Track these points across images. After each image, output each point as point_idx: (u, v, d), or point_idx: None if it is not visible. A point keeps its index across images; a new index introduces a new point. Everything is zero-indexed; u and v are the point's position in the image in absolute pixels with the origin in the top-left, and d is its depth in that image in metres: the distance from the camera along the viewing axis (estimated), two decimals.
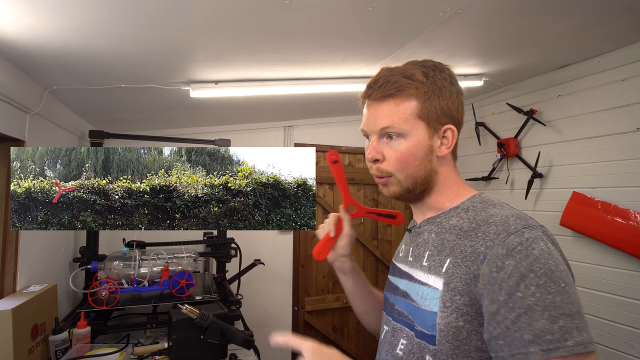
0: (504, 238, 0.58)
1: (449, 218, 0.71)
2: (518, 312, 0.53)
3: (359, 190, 3.07)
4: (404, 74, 0.69)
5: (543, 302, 0.52)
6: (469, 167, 2.72)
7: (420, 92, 0.68)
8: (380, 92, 0.69)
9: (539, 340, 0.51)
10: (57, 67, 1.35)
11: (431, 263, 0.68)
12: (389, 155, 0.70)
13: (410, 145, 0.69)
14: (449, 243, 0.66)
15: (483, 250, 0.59)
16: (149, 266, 1.72)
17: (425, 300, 0.65)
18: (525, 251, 0.55)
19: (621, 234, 1.73)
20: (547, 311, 0.51)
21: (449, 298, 0.61)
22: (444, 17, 1.30)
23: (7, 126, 1.29)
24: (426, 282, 0.67)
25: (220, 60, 1.49)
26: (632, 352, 1.69)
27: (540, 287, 0.53)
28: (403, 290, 0.74)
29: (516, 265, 0.55)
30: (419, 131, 0.69)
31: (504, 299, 0.55)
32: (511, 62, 1.92)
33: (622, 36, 1.67)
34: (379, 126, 0.70)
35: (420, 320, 0.66)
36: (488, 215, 0.65)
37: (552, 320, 0.51)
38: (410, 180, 0.71)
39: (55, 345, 1.33)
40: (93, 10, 1.01)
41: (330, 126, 2.94)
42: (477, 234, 0.63)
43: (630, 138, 1.76)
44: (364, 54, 1.57)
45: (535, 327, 0.51)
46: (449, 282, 0.62)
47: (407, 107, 0.68)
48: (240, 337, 1.28)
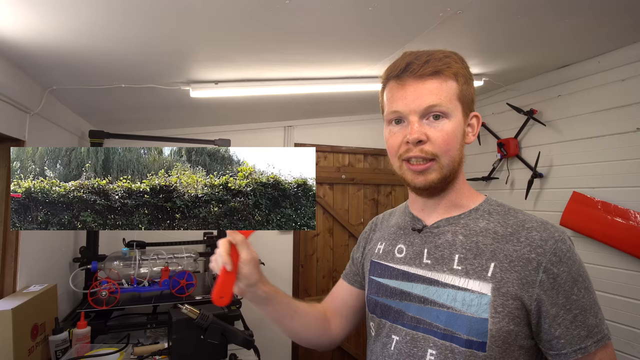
0: (552, 245, 0.63)
1: (475, 220, 0.69)
2: (575, 313, 0.61)
3: (358, 190, 3.07)
4: (444, 54, 0.68)
5: (589, 301, 0.62)
6: (469, 167, 2.72)
7: (460, 74, 0.68)
8: (429, 67, 0.65)
9: (592, 334, 0.60)
10: (57, 67, 1.35)
11: (468, 267, 0.65)
12: (434, 136, 0.65)
13: (454, 126, 0.67)
14: (487, 247, 0.65)
15: (535, 257, 0.62)
16: (149, 266, 1.71)
17: (471, 307, 0.62)
18: (572, 257, 0.63)
19: (621, 234, 1.73)
20: (592, 309, 0.61)
21: (501, 303, 0.61)
22: (444, 17, 1.30)
23: (7, 126, 1.29)
24: (466, 287, 0.64)
25: (220, 60, 1.49)
26: (632, 352, 1.69)
27: (587, 289, 0.62)
28: (419, 296, 0.69)
29: (569, 272, 0.61)
30: (459, 113, 0.68)
31: (562, 302, 0.61)
32: (511, 62, 1.92)
33: (622, 36, 1.67)
34: (424, 104, 0.65)
35: (465, 328, 0.62)
36: (519, 220, 0.67)
37: (596, 316, 0.61)
38: (451, 165, 0.68)
39: (55, 345, 1.33)
40: (93, 10, 1.01)
41: (330, 126, 2.94)
42: (519, 239, 0.64)
43: (630, 138, 1.76)
44: (364, 53, 1.57)
45: (588, 323, 0.61)
46: (499, 287, 0.62)
47: (451, 86, 0.67)
48: (240, 337, 1.28)
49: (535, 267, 0.61)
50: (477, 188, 2.63)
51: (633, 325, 1.71)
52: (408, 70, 0.66)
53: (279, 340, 2.69)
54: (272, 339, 2.53)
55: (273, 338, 2.53)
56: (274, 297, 0.77)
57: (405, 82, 0.67)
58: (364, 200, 3.09)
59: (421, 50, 0.69)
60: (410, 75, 0.66)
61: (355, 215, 3.05)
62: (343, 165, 3.03)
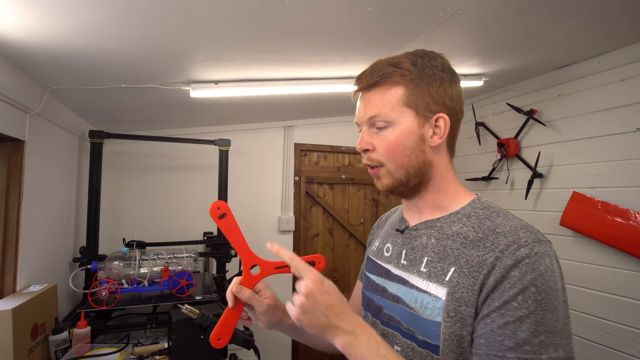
0: (514, 250, 0.58)
1: (451, 224, 0.68)
2: (507, 320, 0.55)
3: (358, 190, 3.07)
4: (390, 62, 0.69)
5: (534, 316, 0.54)
6: (469, 167, 2.72)
7: (406, 80, 0.67)
8: (366, 81, 0.70)
9: (518, 349, 0.53)
10: (57, 67, 1.35)
11: (431, 270, 0.66)
12: (378, 145, 0.70)
13: (398, 134, 0.68)
14: (453, 251, 0.64)
15: (492, 261, 0.59)
16: (149, 266, 1.72)
17: (427, 310, 0.63)
18: (533, 265, 0.56)
19: (621, 234, 1.73)
20: (534, 325, 0.54)
21: (454, 308, 0.60)
22: (444, 17, 1.30)
23: (7, 126, 1.29)
24: (426, 289, 0.65)
25: (220, 60, 1.49)
26: (632, 352, 1.69)
27: (537, 302, 0.54)
28: (393, 294, 0.72)
29: (520, 278, 0.56)
30: (407, 119, 0.67)
31: (498, 305, 0.56)
32: (511, 62, 1.92)
33: (621, 36, 1.67)
34: (367, 115, 0.70)
35: (421, 329, 0.64)
36: (494, 224, 0.64)
37: (535, 335, 0.53)
38: (402, 170, 0.69)
39: (55, 345, 1.33)
40: (93, 10, 1.01)
41: (330, 126, 2.94)
42: (484, 244, 0.61)
43: (630, 138, 1.76)
44: (364, 54, 1.57)
45: (518, 336, 0.54)
46: (454, 292, 0.61)
47: (394, 94, 0.68)
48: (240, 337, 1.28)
49: (488, 272, 0.58)
50: (477, 188, 2.65)
51: (633, 325, 1.71)
52: (358, 85, 0.72)
53: (279, 340, 2.70)
54: (272, 339, 2.54)
55: (273, 338, 2.54)
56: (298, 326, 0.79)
57: (358, 95, 0.74)
58: (364, 200, 3.09)
59: (378, 60, 0.72)
60: (360, 89, 0.72)
61: (355, 215, 3.05)
62: (343, 165, 3.03)
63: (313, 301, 0.59)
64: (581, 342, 1.92)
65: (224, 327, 0.69)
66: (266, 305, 0.73)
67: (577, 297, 1.95)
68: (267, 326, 0.76)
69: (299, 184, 2.86)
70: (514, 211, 2.32)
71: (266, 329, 0.77)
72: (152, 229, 2.10)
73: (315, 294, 0.59)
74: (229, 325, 0.70)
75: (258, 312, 0.73)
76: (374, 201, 3.11)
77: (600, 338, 1.83)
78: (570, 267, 1.99)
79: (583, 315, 1.92)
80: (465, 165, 2.76)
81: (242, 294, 0.69)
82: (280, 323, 0.77)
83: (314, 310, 0.59)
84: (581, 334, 1.92)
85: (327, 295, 0.60)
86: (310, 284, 0.60)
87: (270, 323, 0.76)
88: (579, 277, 1.94)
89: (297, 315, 0.60)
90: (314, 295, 0.59)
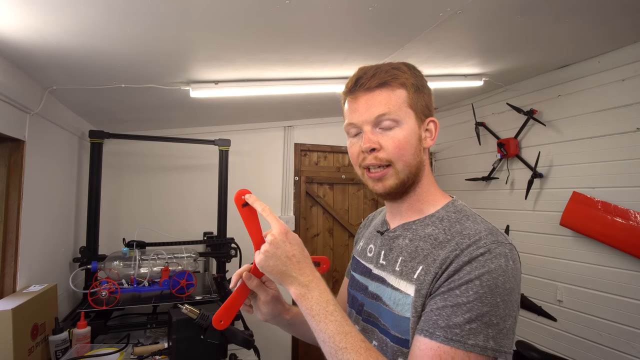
0: (473, 250, 0.62)
1: (425, 226, 0.72)
2: (446, 304, 0.59)
3: (358, 190, 3.07)
4: (393, 66, 0.72)
5: (471, 306, 0.57)
6: (469, 167, 2.72)
7: (409, 83, 0.71)
8: (375, 80, 0.70)
9: (448, 330, 0.57)
10: (57, 67, 1.35)
11: (403, 269, 0.69)
12: (386, 144, 0.70)
13: (406, 132, 0.70)
14: (423, 251, 0.68)
15: (452, 259, 0.63)
16: (149, 266, 1.72)
17: (398, 306, 0.67)
18: (484, 262, 0.60)
19: (621, 234, 1.73)
20: (469, 313, 0.57)
21: (421, 303, 0.64)
22: (444, 17, 1.30)
23: (7, 126, 1.29)
24: (398, 287, 0.69)
25: (220, 60, 1.49)
26: (632, 352, 1.69)
27: (477, 295, 0.58)
28: (373, 292, 0.75)
29: (469, 272, 0.60)
30: (411, 120, 0.71)
31: (443, 291, 0.61)
32: (511, 62, 1.92)
33: (621, 36, 1.67)
34: (374, 114, 0.70)
35: (394, 324, 0.67)
36: (462, 227, 0.67)
37: (468, 322, 0.57)
38: (407, 170, 0.71)
39: (55, 345, 1.33)
40: (93, 10, 1.01)
41: (330, 126, 2.94)
42: (450, 244, 0.65)
43: (630, 138, 1.76)
44: (364, 54, 1.57)
45: (452, 320, 0.58)
46: (420, 288, 0.64)
47: (399, 95, 0.70)
48: (240, 337, 1.28)
49: (446, 267, 0.62)
50: (477, 188, 2.65)
51: (633, 325, 1.71)
52: (358, 85, 0.72)
53: (279, 340, 2.70)
54: (272, 339, 2.54)
55: (273, 338, 2.54)
56: (295, 320, 0.83)
57: (357, 96, 0.72)
58: (364, 200, 3.09)
59: (370, 65, 0.74)
60: (360, 89, 0.71)
61: (355, 215, 3.05)
62: (343, 165, 3.03)
63: (275, 249, 0.65)
64: (581, 342, 1.92)
65: (227, 310, 0.72)
66: (270, 296, 0.76)
67: (577, 297, 1.95)
68: (265, 318, 0.79)
69: (299, 184, 2.86)
70: (514, 211, 2.34)
71: (263, 320, 0.79)
72: (152, 229, 2.10)
73: (278, 243, 0.65)
74: (232, 309, 0.72)
75: (262, 302, 0.76)
76: (374, 201, 3.11)
77: (600, 338, 1.83)
78: (570, 267, 1.99)
79: (583, 315, 1.92)
80: (465, 165, 2.76)
81: (251, 281, 0.73)
82: (279, 316, 0.80)
83: (275, 258, 0.65)
84: (581, 334, 1.92)
85: (289, 245, 0.65)
86: (275, 233, 0.65)
87: (270, 315, 0.78)
88: (579, 277, 1.94)
89: (260, 260, 0.65)
90: (276, 243, 0.65)
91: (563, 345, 2.00)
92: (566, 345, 1.99)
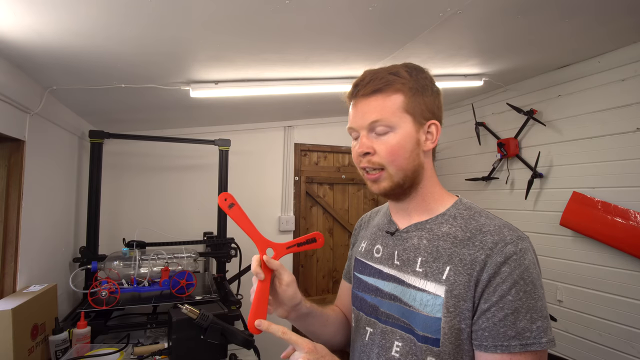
0: (502, 247, 0.65)
1: (440, 225, 0.74)
2: (506, 312, 0.62)
3: (358, 190, 3.07)
4: (389, 71, 0.74)
5: (527, 305, 0.62)
6: (469, 167, 2.72)
7: (406, 88, 0.72)
8: (369, 87, 0.72)
9: (520, 336, 0.61)
10: (57, 67, 1.35)
11: (427, 269, 0.70)
12: (379, 148, 0.72)
13: (399, 138, 0.72)
14: (445, 251, 0.70)
15: (483, 259, 0.65)
16: (149, 266, 1.71)
17: (427, 307, 0.68)
18: (519, 260, 0.63)
19: (621, 234, 1.73)
20: (529, 313, 0.61)
21: (453, 304, 0.65)
22: (444, 17, 1.30)
23: (7, 126, 1.29)
24: (424, 288, 0.69)
25: (220, 60, 1.49)
26: (632, 352, 1.69)
27: (527, 293, 0.62)
28: (390, 293, 0.75)
29: (510, 273, 0.63)
30: (407, 124, 0.72)
31: (496, 300, 0.63)
32: (511, 62, 1.92)
33: (622, 36, 1.67)
34: (368, 120, 0.72)
35: (421, 325, 0.68)
36: (480, 224, 0.70)
37: (532, 321, 0.61)
38: (401, 173, 0.73)
39: (55, 345, 1.33)
40: (93, 10, 1.01)
41: (330, 126, 2.94)
42: (474, 243, 0.68)
43: (630, 138, 1.76)
44: (364, 54, 1.57)
45: (518, 325, 0.61)
46: (452, 289, 0.66)
47: (395, 101, 0.72)
48: (240, 337, 1.28)
49: (481, 269, 0.65)
50: (477, 188, 2.65)
51: (633, 325, 1.71)
52: (355, 91, 0.75)
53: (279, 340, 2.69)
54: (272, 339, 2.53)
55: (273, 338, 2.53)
56: (313, 310, 0.84)
57: (356, 102, 0.75)
58: (364, 200, 3.09)
59: (371, 70, 0.75)
60: (357, 95, 0.74)
61: (355, 215, 3.05)
62: (343, 165, 3.04)
63: None
64: (581, 342, 1.92)
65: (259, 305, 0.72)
66: (292, 276, 0.78)
67: (577, 297, 1.95)
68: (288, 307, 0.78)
69: (299, 184, 2.86)
70: (514, 211, 2.34)
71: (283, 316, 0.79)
72: (152, 229, 2.10)
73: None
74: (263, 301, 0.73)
75: (285, 283, 0.76)
76: (374, 201, 3.11)
77: (600, 338, 1.83)
78: (570, 267, 1.99)
79: (583, 315, 1.92)
80: (465, 165, 2.76)
81: (271, 262, 0.74)
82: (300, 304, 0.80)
83: None
84: (581, 334, 1.92)
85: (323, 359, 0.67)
86: (306, 354, 0.67)
87: (292, 300, 0.78)
88: (579, 277, 1.94)
89: None
90: None
91: (563, 345, 2.00)
92: (566, 345, 1.99)
